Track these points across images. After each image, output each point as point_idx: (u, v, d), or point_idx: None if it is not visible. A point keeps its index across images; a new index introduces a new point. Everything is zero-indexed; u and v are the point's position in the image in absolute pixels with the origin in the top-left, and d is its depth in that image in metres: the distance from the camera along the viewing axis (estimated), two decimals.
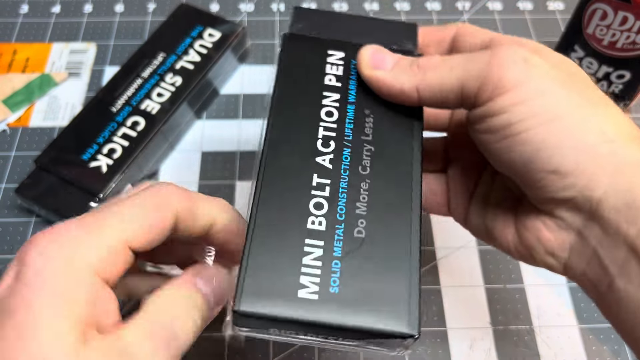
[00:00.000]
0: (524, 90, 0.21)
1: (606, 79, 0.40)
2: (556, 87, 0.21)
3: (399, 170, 0.24)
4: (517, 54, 0.22)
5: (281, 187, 0.23)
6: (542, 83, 0.21)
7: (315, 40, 0.27)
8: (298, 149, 0.24)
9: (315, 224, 0.22)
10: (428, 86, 0.23)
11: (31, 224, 0.39)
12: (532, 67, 0.21)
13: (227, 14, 0.50)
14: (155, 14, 0.50)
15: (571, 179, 0.21)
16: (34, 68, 0.46)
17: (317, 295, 0.21)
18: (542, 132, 0.21)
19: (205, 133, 0.43)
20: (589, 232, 0.22)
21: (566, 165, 0.21)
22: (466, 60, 0.23)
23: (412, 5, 0.51)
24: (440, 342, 0.35)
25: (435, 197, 0.30)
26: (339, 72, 0.26)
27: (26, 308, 0.18)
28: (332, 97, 0.25)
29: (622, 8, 0.35)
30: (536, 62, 0.22)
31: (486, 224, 0.27)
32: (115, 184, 0.37)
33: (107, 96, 0.41)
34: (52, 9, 0.50)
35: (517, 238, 0.25)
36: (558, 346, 0.34)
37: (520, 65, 0.21)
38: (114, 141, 0.39)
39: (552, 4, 0.52)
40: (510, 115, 0.21)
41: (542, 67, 0.22)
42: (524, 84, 0.21)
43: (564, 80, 0.22)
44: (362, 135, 0.24)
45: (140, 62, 0.43)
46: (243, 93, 0.46)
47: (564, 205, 0.22)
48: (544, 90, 0.21)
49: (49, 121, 0.44)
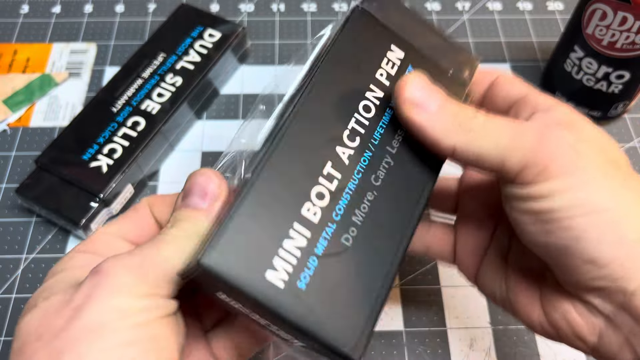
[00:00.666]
0: (570, 180, 0.21)
1: (606, 79, 0.40)
2: (601, 178, 0.21)
3: (407, 194, 0.23)
4: (565, 140, 0.21)
5: (292, 159, 0.21)
6: (588, 173, 0.21)
7: (384, 27, 0.25)
8: (325, 127, 0.22)
9: (309, 212, 0.21)
10: (466, 150, 0.22)
11: (31, 224, 0.39)
12: (579, 157, 0.21)
13: (227, 14, 0.50)
14: (156, 14, 0.50)
15: (607, 271, 0.21)
16: (34, 68, 0.46)
17: (283, 284, 0.20)
18: (584, 223, 0.20)
19: (206, 133, 0.43)
20: (620, 321, 0.21)
21: (604, 258, 0.20)
22: (513, 134, 0.21)
23: (412, 5, 0.51)
24: (440, 342, 0.35)
25: (439, 243, 0.29)
26: (393, 71, 0.24)
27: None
28: (376, 94, 0.24)
29: (622, 8, 0.35)
30: (583, 150, 0.21)
31: (507, 293, 0.26)
32: (116, 184, 0.37)
33: (107, 96, 0.41)
34: (52, 9, 0.50)
35: (544, 317, 0.24)
36: (558, 346, 0.35)
37: (569, 153, 0.21)
38: (115, 141, 0.39)
39: (552, 4, 0.52)
40: (554, 203, 0.21)
41: (588, 155, 0.21)
42: (571, 173, 0.21)
43: (607, 170, 0.21)
44: (388, 145, 0.23)
45: (140, 63, 0.43)
46: (243, 93, 0.46)
47: (596, 292, 0.22)
48: (589, 181, 0.21)
49: (50, 121, 0.44)
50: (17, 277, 0.37)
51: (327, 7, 0.51)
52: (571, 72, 0.41)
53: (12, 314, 0.35)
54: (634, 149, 0.43)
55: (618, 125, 0.44)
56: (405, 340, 0.35)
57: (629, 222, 0.21)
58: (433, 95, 0.22)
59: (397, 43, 0.25)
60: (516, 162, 0.21)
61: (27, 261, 0.37)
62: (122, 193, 0.38)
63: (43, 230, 0.39)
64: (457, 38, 0.49)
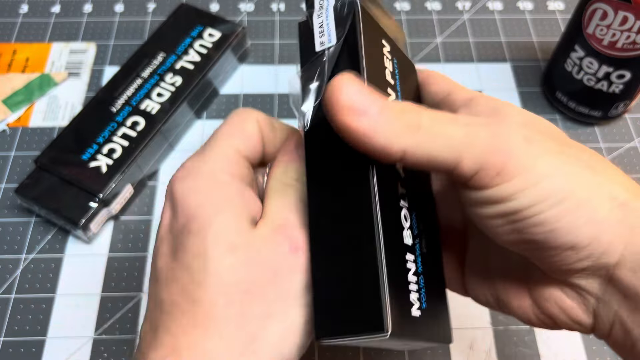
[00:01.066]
0: (531, 175, 0.20)
1: (606, 79, 0.40)
2: (557, 163, 0.20)
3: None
4: (518, 134, 0.20)
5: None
6: (544, 162, 0.20)
7: (375, 21, 0.24)
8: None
9: (408, 239, 0.22)
10: (417, 153, 0.20)
11: (31, 223, 0.39)
12: (533, 148, 0.20)
13: (227, 14, 0.50)
14: (155, 13, 0.50)
15: (588, 251, 0.20)
16: (33, 68, 0.46)
17: (419, 312, 0.21)
18: (554, 215, 0.20)
19: (205, 133, 0.43)
20: (609, 297, 0.21)
21: (582, 241, 0.20)
22: (465, 131, 0.20)
23: (412, 5, 0.51)
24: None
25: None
26: (392, 69, 0.24)
27: (195, 218, 0.21)
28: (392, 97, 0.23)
29: (622, 8, 0.35)
30: (535, 140, 0.20)
31: (498, 295, 0.25)
32: (115, 184, 0.37)
33: (107, 96, 0.41)
34: (51, 9, 0.50)
35: (538, 309, 0.24)
36: (558, 346, 0.34)
37: (523, 147, 0.20)
38: (114, 141, 0.39)
39: (552, 4, 0.52)
40: (519, 202, 0.20)
41: (540, 144, 0.21)
42: (529, 169, 0.20)
43: (557, 151, 0.21)
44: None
45: (140, 62, 0.43)
46: (243, 93, 0.45)
47: (581, 273, 0.21)
48: (547, 171, 0.20)
49: (49, 121, 0.44)
50: (17, 277, 0.37)
51: None
52: (572, 72, 0.41)
53: (11, 314, 0.35)
54: (635, 149, 0.43)
55: (619, 125, 0.44)
56: None
57: (597, 198, 0.20)
58: (371, 97, 0.20)
59: (385, 37, 0.24)
60: (471, 163, 0.20)
61: (27, 261, 0.37)
62: (121, 193, 0.38)
63: (42, 230, 0.38)
64: (457, 38, 0.49)
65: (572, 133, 0.44)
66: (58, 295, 0.36)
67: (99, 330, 0.35)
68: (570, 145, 0.22)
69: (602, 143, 0.43)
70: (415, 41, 0.49)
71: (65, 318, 0.35)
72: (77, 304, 0.36)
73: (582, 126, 0.44)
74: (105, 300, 0.36)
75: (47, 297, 0.36)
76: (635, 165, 0.42)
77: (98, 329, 0.35)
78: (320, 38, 0.23)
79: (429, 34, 0.49)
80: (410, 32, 0.49)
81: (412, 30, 0.49)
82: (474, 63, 0.47)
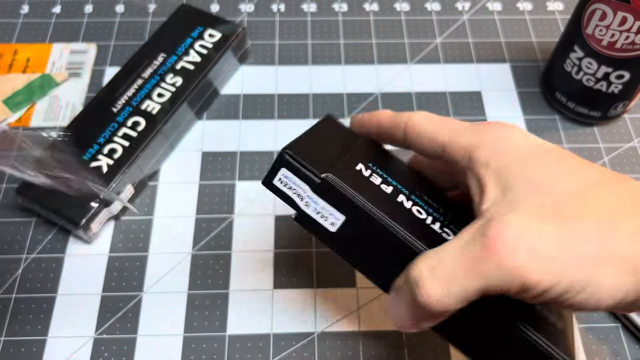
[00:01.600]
0: (554, 276, 0.21)
1: (605, 79, 0.40)
2: (567, 251, 0.21)
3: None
4: (521, 245, 0.21)
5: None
6: (561, 263, 0.21)
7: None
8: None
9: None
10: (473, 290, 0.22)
11: (32, 223, 0.39)
12: (540, 257, 0.21)
13: (227, 14, 0.50)
14: (156, 14, 0.50)
15: (625, 301, 0.22)
16: (34, 68, 0.46)
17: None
18: (584, 298, 0.21)
19: (206, 133, 0.43)
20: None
21: (616, 303, 0.22)
22: (470, 267, 0.21)
23: (411, 5, 0.51)
24: (439, 341, 0.35)
25: None
26: (368, 172, 0.28)
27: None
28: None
29: (622, 8, 0.35)
30: (538, 248, 0.21)
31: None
32: (116, 184, 0.37)
33: (107, 96, 0.41)
34: (52, 10, 0.50)
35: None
36: None
37: (534, 258, 0.21)
38: (115, 141, 0.39)
39: (552, 4, 0.52)
40: (554, 296, 0.21)
41: (546, 241, 0.21)
42: (550, 272, 0.21)
43: (577, 231, 0.22)
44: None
45: (140, 63, 0.43)
46: (243, 93, 0.46)
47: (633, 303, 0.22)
48: (566, 264, 0.21)
49: (50, 121, 0.44)
50: (17, 277, 0.37)
51: (327, 7, 0.51)
52: (571, 72, 0.41)
53: (12, 314, 0.35)
54: (634, 149, 0.43)
55: (618, 125, 0.44)
56: (405, 339, 0.35)
57: (618, 277, 0.21)
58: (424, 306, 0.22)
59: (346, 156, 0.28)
60: (496, 289, 0.21)
61: (27, 261, 0.37)
62: (122, 193, 0.38)
63: (43, 230, 0.39)
64: (457, 38, 0.49)
65: (572, 133, 0.44)
66: (59, 295, 0.36)
67: (100, 330, 0.35)
68: (568, 207, 0.22)
69: (602, 143, 0.43)
70: (415, 42, 0.49)
71: (65, 318, 0.35)
72: (78, 303, 0.36)
73: (581, 126, 0.44)
74: (105, 299, 0.36)
75: (47, 297, 0.36)
76: (635, 166, 0.42)
77: (99, 328, 0.35)
78: (326, 222, 0.26)
79: (428, 35, 0.49)
80: (409, 32, 0.49)
81: (412, 30, 0.50)
82: (473, 63, 0.47)
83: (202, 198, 0.40)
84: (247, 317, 0.35)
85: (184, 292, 0.36)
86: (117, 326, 0.35)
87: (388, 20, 0.50)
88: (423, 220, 0.26)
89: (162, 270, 0.37)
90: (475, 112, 0.45)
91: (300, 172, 0.25)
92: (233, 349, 0.34)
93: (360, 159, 0.27)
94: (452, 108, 0.45)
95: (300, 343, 0.35)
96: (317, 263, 0.37)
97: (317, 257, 0.38)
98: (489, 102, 0.45)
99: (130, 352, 0.34)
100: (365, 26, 0.50)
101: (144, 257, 0.38)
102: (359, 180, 0.26)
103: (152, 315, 0.35)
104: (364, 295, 0.36)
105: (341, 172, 0.25)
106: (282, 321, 0.35)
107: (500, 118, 0.44)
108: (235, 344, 0.34)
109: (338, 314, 0.36)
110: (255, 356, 0.34)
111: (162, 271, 0.37)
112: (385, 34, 0.49)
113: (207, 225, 0.39)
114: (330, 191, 0.25)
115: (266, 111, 0.44)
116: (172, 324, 0.35)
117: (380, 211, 0.24)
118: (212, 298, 0.36)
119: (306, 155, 0.25)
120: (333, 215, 0.25)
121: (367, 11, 0.51)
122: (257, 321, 0.35)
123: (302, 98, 0.45)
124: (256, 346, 0.34)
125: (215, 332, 0.35)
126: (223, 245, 0.38)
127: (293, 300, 0.36)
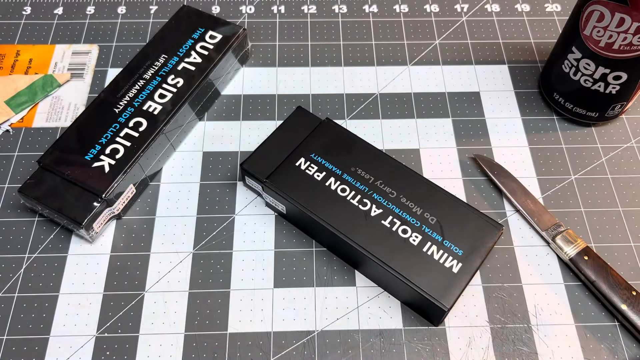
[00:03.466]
0: None
1: (603, 80, 0.40)
2: None
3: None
4: None
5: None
6: None
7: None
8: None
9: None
10: None
11: (34, 223, 0.39)
12: None
13: (228, 15, 0.50)
14: (157, 15, 0.50)
15: None
16: (37, 69, 0.47)
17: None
18: None
19: (207, 133, 0.44)
20: None
21: None
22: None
23: (411, 7, 0.52)
24: (438, 340, 0.35)
25: None
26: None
27: None
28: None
29: (619, 10, 0.36)
30: None
31: None
32: (118, 184, 0.37)
33: (109, 97, 0.41)
34: (54, 11, 0.51)
35: None
36: (555, 344, 0.35)
37: None
38: (117, 141, 0.39)
39: (550, 6, 0.52)
40: None
41: None
42: None
43: None
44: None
45: (142, 64, 0.43)
46: (244, 94, 0.46)
47: None
48: None
49: (52, 122, 0.44)
50: (20, 277, 0.37)
51: (327, 8, 0.51)
52: (569, 73, 0.42)
53: (14, 313, 0.36)
54: (631, 149, 0.43)
55: (615, 126, 0.45)
56: (404, 338, 0.35)
57: None
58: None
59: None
60: None
61: (30, 260, 0.38)
62: (124, 193, 0.38)
63: (45, 230, 0.39)
64: (455, 39, 0.49)
65: (570, 134, 0.44)
66: (61, 294, 0.36)
67: (102, 329, 0.35)
68: None
69: (599, 144, 0.44)
70: (414, 43, 0.49)
71: (68, 317, 0.36)
72: (80, 302, 0.36)
73: (579, 127, 0.44)
74: (107, 299, 0.36)
75: (50, 296, 0.36)
76: (632, 166, 0.42)
77: (101, 327, 0.35)
78: (277, 207, 0.40)
79: (427, 36, 0.50)
80: (409, 34, 0.50)
81: (411, 32, 0.50)
82: (472, 65, 0.48)
83: (203, 198, 0.40)
84: (248, 316, 0.36)
85: (185, 291, 0.37)
86: (119, 325, 0.35)
87: (387, 22, 0.51)
88: (344, 198, 0.37)
89: (163, 270, 0.37)
90: (473, 113, 0.45)
91: (253, 177, 0.38)
92: (234, 348, 0.35)
93: (303, 154, 0.38)
94: (450, 109, 0.45)
95: (300, 341, 0.35)
96: (316, 262, 0.38)
97: (317, 256, 0.38)
98: (488, 103, 0.46)
99: (132, 350, 0.34)
100: (364, 27, 0.50)
101: (145, 257, 0.38)
102: (295, 175, 0.37)
103: (154, 314, 0.36)
104: (364, 294, 0.36)
105: (280, 173, 0.38)
106: (282, 320, 0.36)
107: (498, 119, 0.45)
108: (236, 342, 0.35)
109: (338, 313, 0.36)
110: (255, 354, 0.34)
111: (163, 270, 0.37)
112: (385, 36, 0.50)
113: (208, 224, 0.39)
114: (271, 189, 0.37)
115: (266, 112, 0.45)
116: (174, 322, 0.35)
117: (303, 202, 0.36)
118: (213, 297, 0.36)
119: (254, 165, 0.38)
120: (279, 204, 0.38)
121: (367, 13, 0.51)
122: (257, 320, 0.36)
123: (302, 99, 0.45)
124: (257, 344, 0.35)
125: (216, 330, 0.35)
126: (224, 245, 0.38)
127: (293, 299, 0.36)
